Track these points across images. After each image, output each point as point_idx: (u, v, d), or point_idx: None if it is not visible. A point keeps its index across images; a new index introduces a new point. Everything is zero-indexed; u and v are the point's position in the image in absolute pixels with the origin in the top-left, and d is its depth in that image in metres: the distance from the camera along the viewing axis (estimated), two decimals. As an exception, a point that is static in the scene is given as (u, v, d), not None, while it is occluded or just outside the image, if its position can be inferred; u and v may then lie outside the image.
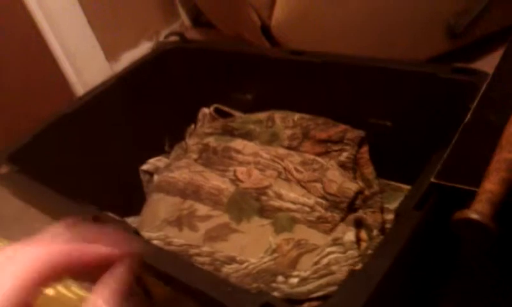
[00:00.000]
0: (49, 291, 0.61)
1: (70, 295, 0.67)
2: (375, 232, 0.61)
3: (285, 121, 0.79)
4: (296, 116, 0.79)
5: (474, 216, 0.38)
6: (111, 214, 0.77)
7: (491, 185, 0.40)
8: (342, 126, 0.74)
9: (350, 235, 0.59)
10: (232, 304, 0.45)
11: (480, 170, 0.44)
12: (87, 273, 0.34)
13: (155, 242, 0.70)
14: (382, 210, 0.68)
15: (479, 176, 0.43)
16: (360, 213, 0.64)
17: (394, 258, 0.44)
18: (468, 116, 0.52)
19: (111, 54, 1.49)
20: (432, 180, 0.45)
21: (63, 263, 0.32)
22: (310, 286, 0.56)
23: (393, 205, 0.70)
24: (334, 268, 0.56)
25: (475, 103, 0.53)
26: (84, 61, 1.43)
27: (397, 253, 0.44)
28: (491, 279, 0.47)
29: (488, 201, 0.39)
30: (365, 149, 0.72)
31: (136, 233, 0.57)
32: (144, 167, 0.85)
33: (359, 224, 0.62)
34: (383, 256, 0.44)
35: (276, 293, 0.57)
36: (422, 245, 0.47)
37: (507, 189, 0.40)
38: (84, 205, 0.61)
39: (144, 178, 0.85)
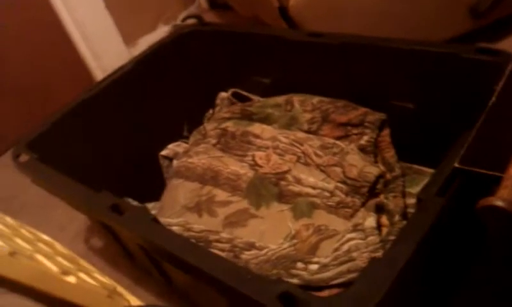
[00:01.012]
0: (71, 279, 0.62)
1: (92, 282, 0.67)
2: (397, 217, 0.60)
3: (304, 105, 0.78)
4: (315, 99, 0.77)
5: (500, 203, 0.37)
6: (130, 200, 0.77)
7: (516, 170, 0.39)
8: (362, 109, 0.72)
9: (371, 221, 0.58)
10: (250, 293, 0.45)
11: (506, 155, 0.42)
12: None
13: (175, 228, 0.70)
14: (404, 195, 0.67)
15: (505, 161, 0.42)
16: (381, 198, 0.63)
17: (416, 245, 0.43)
18: (493, 98, 0.50)
19: (128, 38, 1.48)
20: (455, 165, 0.44)
21: None
22: (330, 273, 0.55)
23: (415, 189, 0.68)
24: (354, 254, 0.55)
25: (500, 85, 0.51)
26: (102, 46, 1.43)
27: (419, 240, 0.43)
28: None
29: (513, 187, 0.37)
30: (386, 132, 0.71)
31: (155, 220, 0.57)
32: (164, 152, 0.85)
33: (380, 209, 0.61)
34: (405, 242, 0.43)
35: (295, 280, 0.56)
36: (445, 232, 0.46)
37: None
38: (103, 193, 0.61)
39: (163, 163, 0.85)
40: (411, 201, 0.66)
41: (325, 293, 0.54)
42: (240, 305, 0.50)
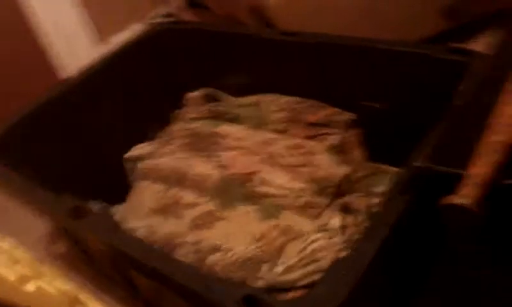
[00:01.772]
0: (29, 287, 0.60)
1: (52, 290, 0.65)
2: (362, 217, 0.60)
3: (273, 105, 0.77)
4: (284, 99, 0.77)
5: (460, 201, 0.37)
6: (95, 203, 0.75)
7: (477, 168, 0.39)
8: (331, 109, 0.72)
9: (335, 221, 0.57)
10: (212, 297, 0.44)
11: (468, 153, 0.42)
12: None
13: (140, 231, 0.68)
14: (370, 194, 0.67)
15: (467, 159, 0.42)
16: (347, 198, 0.63)
17: (379, 245, 0.42)
18: (457, 97, 0.50)
19: (100, 35, 1.45)
20: (416, 163, 0.43)
21: None
22: (295, 275, 0.55)
23: (381, 188, 0.68)
24: (319, 255, 0.54)
25: (465, 85, 0.51)
26: (72, 44, 1.39)
27: (382, 240, 0.43)
28: (478, 266, 0.45)
29: (475, 185, 0.37)
30: (355, 132, 0.70)
31: (117, 225, 0.55)
32: (128, 155, 0.83)
33: (346, 209, 0.61)
34: (368, 242, 0.43)
35: (260, 283, 0.55)
36: (409, 231, 0.45)
37: (495, 172, 0.38)
38: (64, 196, 0.59)
39: (128, 165, 0.83)
40: (377, 200, 0.66)
41: (290, 295, 0.53)
42: (203, 309, 0.49)
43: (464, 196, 0.37)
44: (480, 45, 0.58)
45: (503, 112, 0.42)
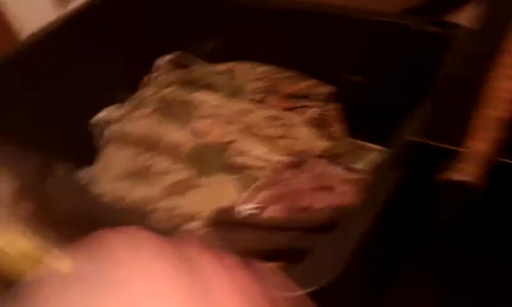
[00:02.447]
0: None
1: (12, 251, 0.62)
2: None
3: (250, 74, 0.75)
4: (261, 68, 0.75)
5: (459, 177, 0.36)
6: (60, 166, 0.71)
7: (476, 144, 0.38)
8: (311, 81, 0.70)
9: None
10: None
11: (461, 128, 0.42)
12: None
13: (108, 196, 0.65)
14: (349, 170, 0.66)
15: (461, 134, 0.41)
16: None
17: (371, 221, 0.41)
18: (443, 70, 0.49)
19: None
20: (410, 138, 0.43)
21: None
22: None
23: (360, 165, 0.67)
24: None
25: (450, 57, 0.51)
26: (29, 5, 1.31)
27: (373, 215, 0.42)
28: (466, 244, 0.45)
29: (474, 161, 0.37)
30: (334, 105, 0.69)
31: (83, 187, 0.52)
32: (95, 119, 0.79)
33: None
34: (359, 218, 0.42)
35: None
36: (398, 207, 0.45)
37: (493, 149, 0.38)
38: (29, 155, 0.55)
39: (95, 130, 0.79)
40: (356, 176, 0.65)
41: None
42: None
43: (464, 173, 0.36)
44: (464, 17, 0.57)
45: (499, 87, 0.41)
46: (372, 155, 0.67)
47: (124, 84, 0.85)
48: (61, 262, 0.37)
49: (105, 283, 0.25)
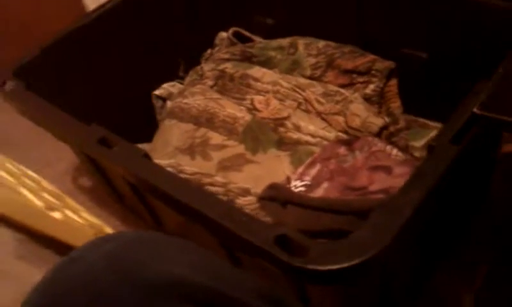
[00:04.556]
0: (56, 215, 0.59)
1: (78, 220, 0.65)
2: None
3: (309, 49, 0.74)
4: (321, 43, 0.73)
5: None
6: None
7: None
8: (371, 56, 0.68)
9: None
10: (247, 235, 0.42)
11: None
12: None
13: (166, 169, 0.67)
14: (407, 148, 0.64)
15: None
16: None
17: (425, 194, 0.40)
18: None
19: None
20: (475, 110, 0.41)
21: None
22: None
23: (419, 143, 0.65)
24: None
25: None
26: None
27: (429, 188, 0.40)
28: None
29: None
30: (393, 82, 0.67)
31: (146, 156, 0.53)
32: (157, 92, 0.81)
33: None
34: (414, 190, 0.40)
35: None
36: (457, 181, 0.43)
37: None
38: (92, 126, 0.58)
39: (157, 103, 0.81)
40: (415, 154, 0.63)
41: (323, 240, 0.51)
42: (235, 248, 0.48)
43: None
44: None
45: None
46: (432, 133, 0.65)
47: (186, 58, 0.86)
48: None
49: None
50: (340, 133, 0.65)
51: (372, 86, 0.68)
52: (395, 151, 0.58)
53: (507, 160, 0.35)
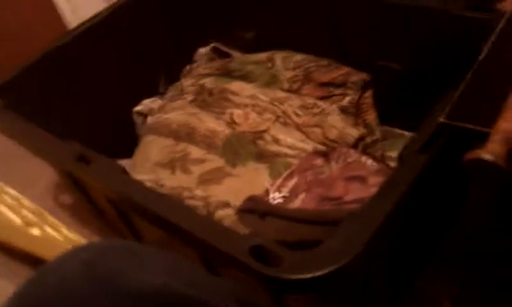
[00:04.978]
0: (35, 231, 0.59)
1: (58, 236, 0.65)
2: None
3: (286, 62, 0.75)
4: (298, 56, 0.75)
5: (488, 157, 0.35)
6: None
7: (506, 124, 0.37)
8: (346, 69, 0.70)
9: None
10: (222, 246, 0.43)
11: (493, 111, 0.41)
12: None
13: (146, 184, 0.67)
14: (383, 158, 0.65)
15: (491, 116, 0.40)
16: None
17: (395, 203, 0.41)
18: (482, 54, 0.48)
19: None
20: (441, 120, 0.42)
21: None
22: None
23: (395, 153, 0.66)
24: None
25: (490, 42, 0.49)
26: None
27: (399, 197, 0.41)
28: (497, 227, 0.44)
29: (503, 141, 0.36)
30: (369, 93, 0.69)
31: (124, 172, 0.54)
32: (138, 108, 0.81)
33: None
34: (384, 199, 0.41)
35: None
36: (426, 190, 0.44)
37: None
38: (70, 142, 0.58)
39: (137, 119, 0.82)
40: (391, 164, 0.64)
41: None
42: (212, 259, 0.48)
43: (492, 151, 0.35)
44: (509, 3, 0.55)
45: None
46: (411, 136, 0.66)
47: (166, 75, 0.87)
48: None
49: None
50: (318, 145, 0.66)
51: (348, 98, 0.69)
52: (370, 161, 0.59)
53: (474, 168, 0.36)
